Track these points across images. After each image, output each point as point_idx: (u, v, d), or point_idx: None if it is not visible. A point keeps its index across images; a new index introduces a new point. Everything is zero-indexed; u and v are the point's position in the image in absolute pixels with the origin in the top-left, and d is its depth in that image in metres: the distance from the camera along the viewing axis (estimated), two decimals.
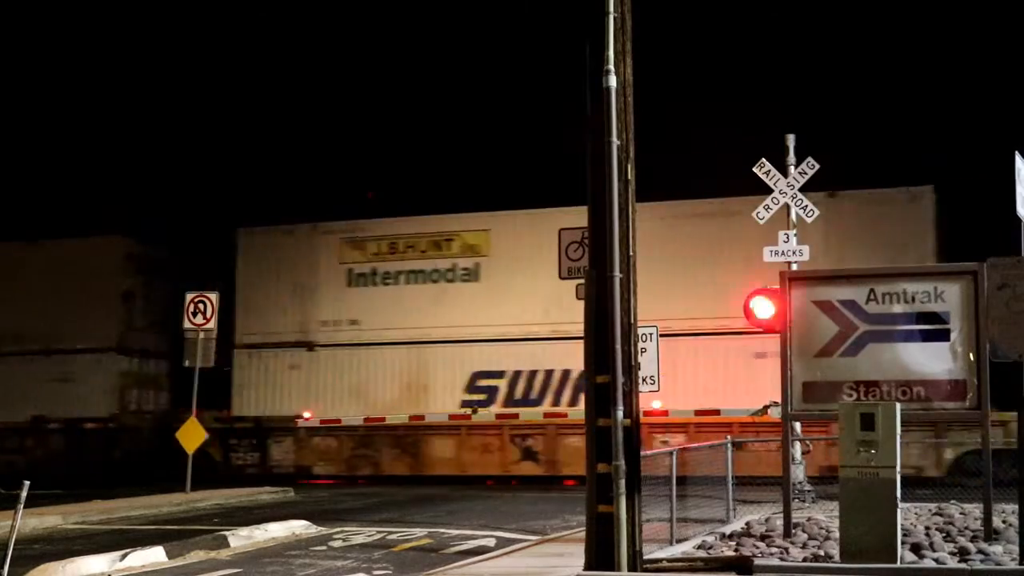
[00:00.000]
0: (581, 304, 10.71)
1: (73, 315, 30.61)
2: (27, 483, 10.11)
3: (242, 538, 15.47)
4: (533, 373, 28.19)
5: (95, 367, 30.85)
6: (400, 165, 41.82)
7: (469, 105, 41.30)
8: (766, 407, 24.20)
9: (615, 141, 10.43)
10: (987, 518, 12.44)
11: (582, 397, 27.89)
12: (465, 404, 28.60)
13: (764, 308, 18.62)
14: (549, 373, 27.98)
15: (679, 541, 13.16)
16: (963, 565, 10.85)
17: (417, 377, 28.76)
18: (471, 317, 28.34)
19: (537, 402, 28.05)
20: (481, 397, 28.63)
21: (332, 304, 29.92)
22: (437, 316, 28.82)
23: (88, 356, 30.82)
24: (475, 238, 29.20)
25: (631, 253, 10.52)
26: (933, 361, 12.48)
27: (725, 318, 25.00)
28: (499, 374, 28.46)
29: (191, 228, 34.31)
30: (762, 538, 12.98)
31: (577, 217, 29.52)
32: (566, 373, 27.65)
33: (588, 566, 10.35)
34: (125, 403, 31.27)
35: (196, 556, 14.24)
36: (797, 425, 18.48)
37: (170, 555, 13.97)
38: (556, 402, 27.93)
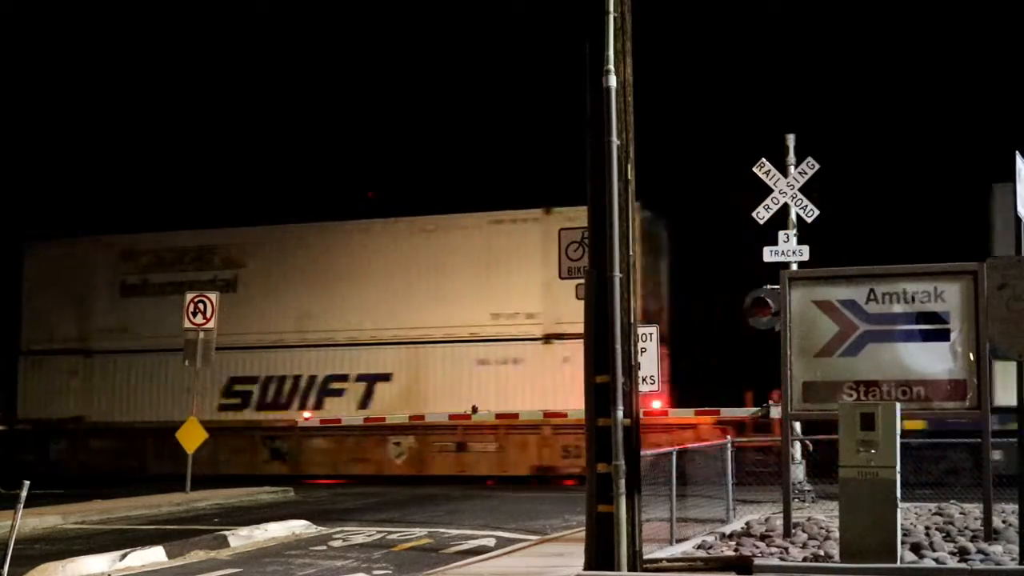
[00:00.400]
0: (328, 314, 10.84)
1: None
2: (27, 483, 10.11)
3: (242, 538, 15.47)
4: (283, 379, 30.13)
5: None
6: (398, 166, 41.83)
7: (468, 106, 41.29)
8: (767, 407, 24.27)
9: (615, 141, 10.43)
10: (987, 518, 12.45)
11: (327, 400, 29.54)
12: (222, 408, 30.31)
13: (764, 308, 18.63)
14: (297, 379, 30.02)
15: (679, 541, 13.16)
16: (963, 565, 10.86)
17: (180, 381, 29.66)
18: (229, 326, 29.49)
19: (286, 406, 29.89)
20: (236, 401, 30.47)
21: (107, 313, 31.88)
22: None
23: None
24: (234, 251, 31.16)
25: (631, 253, 10.52)
26: (933, 361, 12.49)
27: (452, 327, 28.29)
28: (253, 379, 30.38)
29: None
30: (762, 538, 12.99)
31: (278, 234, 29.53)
32: (312, 379, 29.79)
33: (588, 566, 10.35)
34: None
35: (196, 556, 14.25)
36: (797, 425, 18.48)
37: (170, 555, 13.97)
38: (303, 405, 29.79)
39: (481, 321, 27.93)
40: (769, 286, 18.62)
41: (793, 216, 19.43)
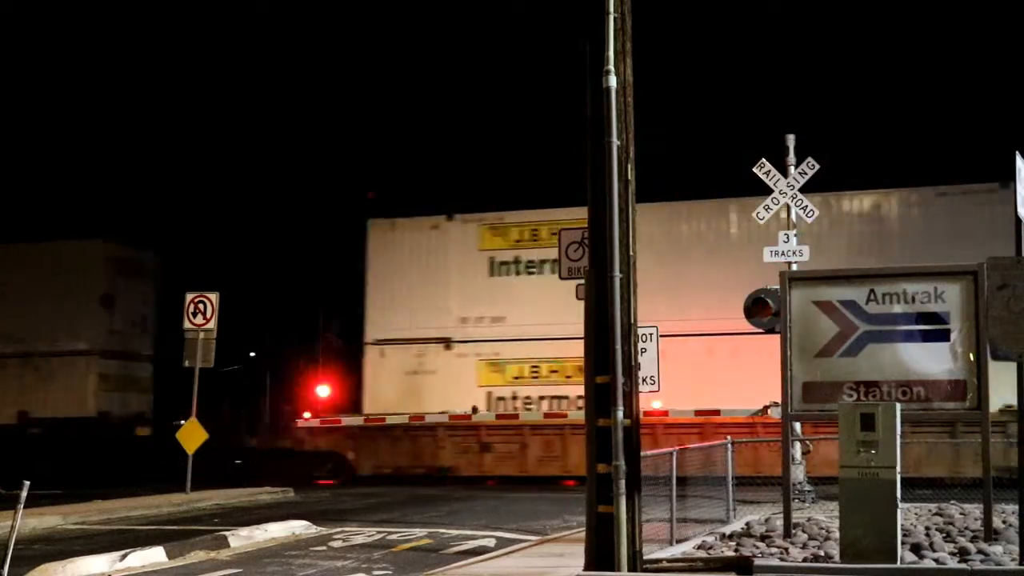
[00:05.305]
0: None
1: None
2: (27, 483, 10.11)
3: (242, 538, 15.47)
4: None
5: None
6: (398, 165, 41.83)
7: (468, 106, 41.28)
8: (766, 407, 24.27)
9: (615, 141, 10.41)
10: (987, 518, 12.44)
11: None
12: None
13: (763, 309, 18.60)
14: None
15: (679, 541, 13.16)
16: (963, 565, 10.85)
17: None
18: None
19: None
20: None
21: None
22: None
23: None
24: None
25: (631, 253, 10.50)
26: (933, 361, 12.47)
27: None
28: None
29: None
30: (762, 538, 12.98)
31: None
32: None
33: (588, 566, 10.34)
34: None
35: (196, 556, 14.24)
36: (797, 425, 18.47)
37: (170, 555, 13.97)
38: None
39: None
40: (769, 286, 18.62)
41: (793, 216, 19.43)
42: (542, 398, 29.19)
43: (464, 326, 29.79)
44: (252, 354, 44.30)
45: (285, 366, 38.10)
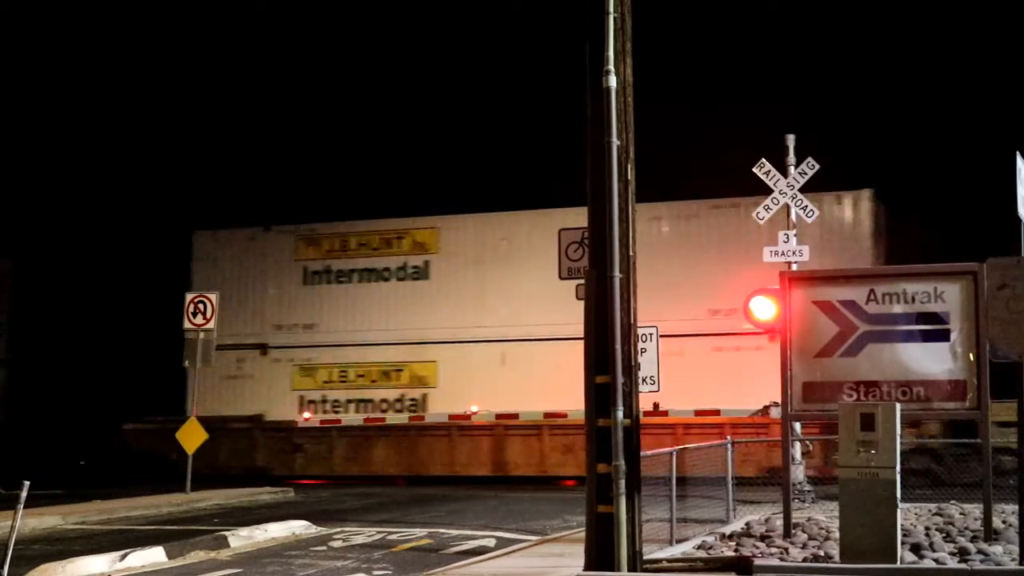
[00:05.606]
0: None
1: None
2: (27, 483, 10.11)
3: (242, 538, 15.47)
4: None
5: None
6: (398, 165, 41.82)
7: (468, 106, 41.27)
8: (766, 407, 24.28)
9: (615, 141, 10.41)
10: (987, 518, 12.44)
11: None
12: None
13: (764, 309, 18.62)
14: None
15: (679, 541, 13.16)
16: (963, 565, 10.85)
17: None
18: None
19: None
20: None
21: None
22: None
23: None
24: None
25: (631, 253, 10.50)
26: (933, 361, 12.48)
27: None
28: None
29: None
30: (762, 538, 12.98)
31: None
32: None
33: (588, 566, 10.34)
34: None
35: (196, 556, 14.25)
36: (797, 425, 18.49)
37: (170, 555, 13.97)
38: None
39: None
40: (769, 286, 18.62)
41: (793, 216, 19.44)
42: (350, 401, 30.49)
43: (279, 333, 31.45)
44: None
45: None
